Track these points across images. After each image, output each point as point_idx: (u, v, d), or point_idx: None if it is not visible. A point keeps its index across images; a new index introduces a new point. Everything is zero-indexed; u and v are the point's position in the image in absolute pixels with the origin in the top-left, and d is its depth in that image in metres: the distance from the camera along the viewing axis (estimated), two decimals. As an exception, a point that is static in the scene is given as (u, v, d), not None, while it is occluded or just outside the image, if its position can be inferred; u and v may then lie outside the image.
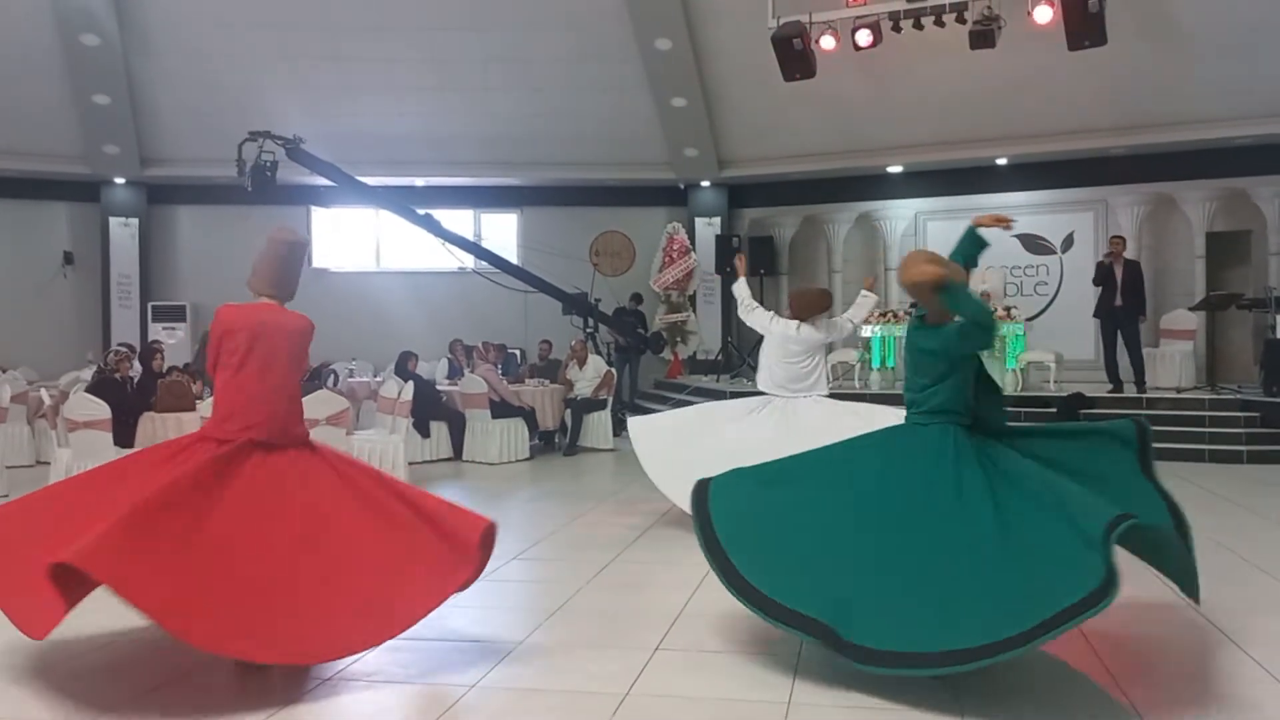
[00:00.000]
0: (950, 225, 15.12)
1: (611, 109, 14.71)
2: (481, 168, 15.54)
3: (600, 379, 12.12)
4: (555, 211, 16.36)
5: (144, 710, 3.77)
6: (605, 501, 8.52)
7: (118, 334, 15.22)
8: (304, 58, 14.08)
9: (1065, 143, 13.60)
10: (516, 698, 3.94)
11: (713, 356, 15.56)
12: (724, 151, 15.37)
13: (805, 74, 12.03)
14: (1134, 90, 12.63)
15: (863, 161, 14.76)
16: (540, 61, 14.16)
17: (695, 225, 16.10)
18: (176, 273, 16.39)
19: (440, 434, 11.00)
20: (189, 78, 14.24)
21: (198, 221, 16.30)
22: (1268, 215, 13.27)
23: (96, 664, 4.24)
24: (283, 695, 3.90)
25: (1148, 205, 13.94)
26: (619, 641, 4.61)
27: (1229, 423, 10.77)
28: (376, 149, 14.67)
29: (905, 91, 13.38)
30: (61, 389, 10.63)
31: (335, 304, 15.31)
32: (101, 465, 4.73)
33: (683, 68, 14.11)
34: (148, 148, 15.22)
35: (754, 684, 4.06)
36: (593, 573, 5.92)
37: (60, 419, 8.34)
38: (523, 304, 15.09)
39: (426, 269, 15.82)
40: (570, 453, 11.62)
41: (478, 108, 14.70)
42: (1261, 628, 4.66)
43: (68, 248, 15.96)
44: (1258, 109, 12.39)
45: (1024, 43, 11.47)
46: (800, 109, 13.81)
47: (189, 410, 8.47)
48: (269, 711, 3.75)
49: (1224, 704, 3.81)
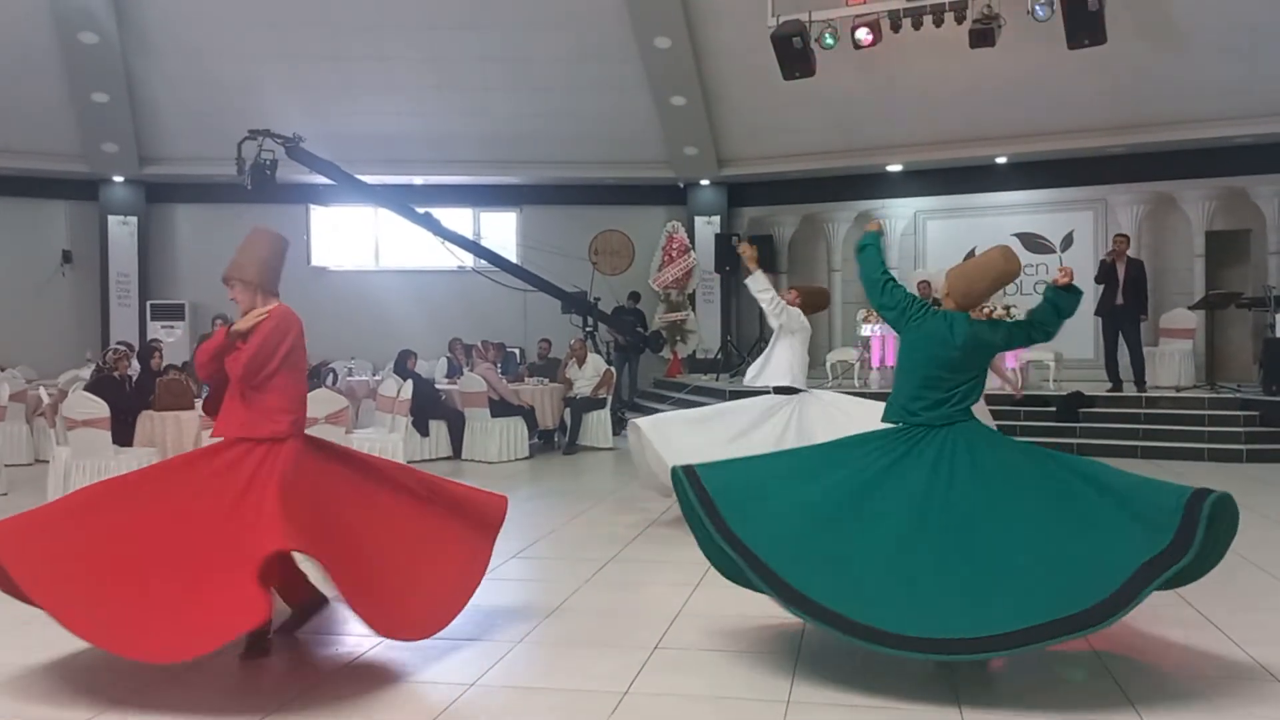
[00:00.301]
0: (950, 224, 15.14)
1: (611, 108, 14.70)
2: (481, 166, 15.54)
3: (599, 378, 12.11)
4: (555, 210, 16.35)
5: (144, 706, 3.76)
6: (604, 500, 8.52)
7: (116, 332, 15.22)
8: (303, 56, 14.08)
9: (1065, 142, 13.61)
10: (515, 696, 3.93)
11: (712, 355, 15.56)
12: (723, 150, 15.37)
13: (805, 73, 12.03)
14: (1133, 89, 12.62)
15: (862, 160, 14.76)
16: (540, 60, 14.16)
17: (695, 224, 16.10)
18: (175, 271, 16.39)
19: (439, 433, 10.99)
20: (188, 76, 14.23)
21: (196, 220, 16.29)
22: (1267, 214, 13.28)
23: (94, 660, 4.22)
24: (280, 693, 3.90)
25: (1147, 204, 13.94)
26: (618, 640, 4.60)
27: (1228, 421, 10.77)
28: (375, 148, 14.66)
29: (905, 90, 13.37)
30: (60, 387, 10.62)
31: (334, 303, 15.34)
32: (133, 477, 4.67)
33: (682, 66, 14.10)
34: (146, 146, 15.21)
35: (753, 683, 4.05)
36: (591, 572, 5.92)
37: (59, 417, 8.33)
38: (522, 303, 15.09)
39: (426, 268, 15.83)
40: (569, 452, 11.61)
41: (477, 106, 14.69)
42: (1259, 625, 4.65)
43: (66, 246, 15.96)
44: (1257, 108, 12.40)
45: (1023, 42, 11.47)
46: (800, 108, 13.80)
47: (188, 409, 8.47)
48: (267, 709, 3.74)
49: (1220, 700, 3.81)
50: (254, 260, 4.46)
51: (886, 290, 4.61)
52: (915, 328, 4.50)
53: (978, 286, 4.50)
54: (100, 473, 7.50)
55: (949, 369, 4.37)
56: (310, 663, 4.29)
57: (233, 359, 4.35)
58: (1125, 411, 11.22)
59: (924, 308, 4.53)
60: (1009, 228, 14.56)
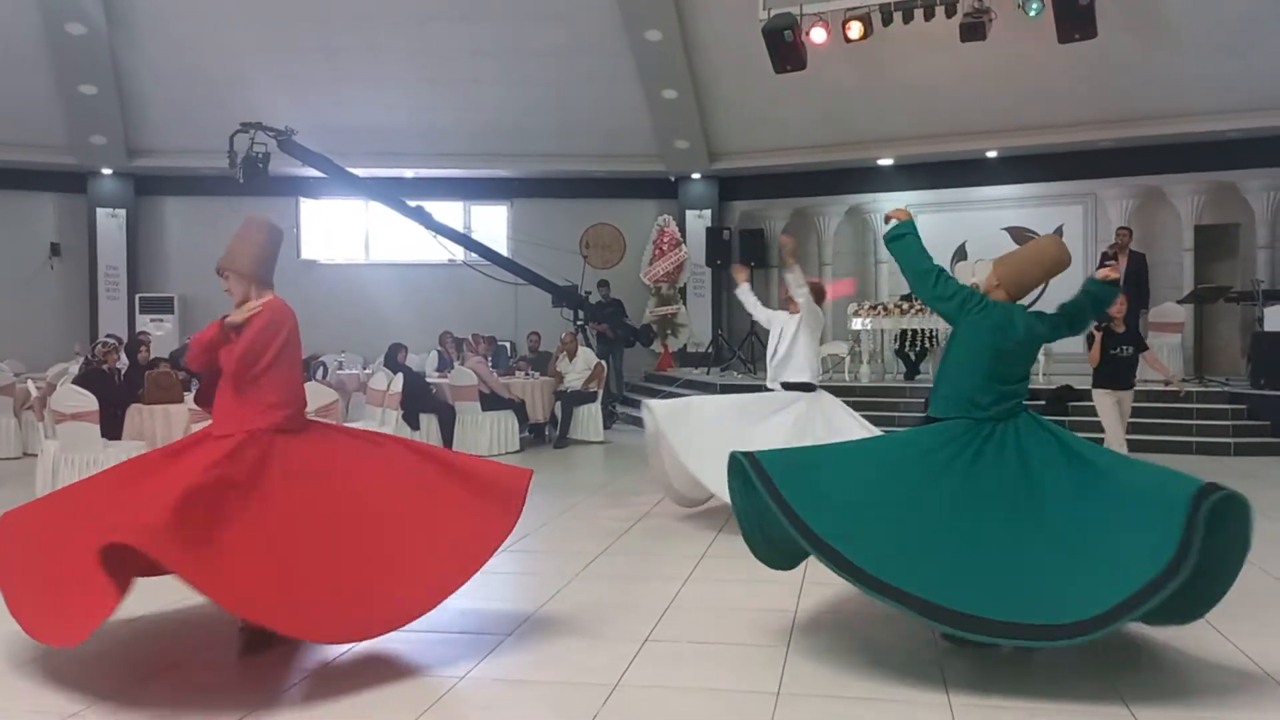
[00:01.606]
0: (940, 218, 15.15)
1: (601, 101, 14.68)
2: (471, 160, 15.50)
3: (590, 371, 12.11)
4: (545, 204, 16.33)
5: (134, 700, 3.75)
6: (595, 494, 8.52)
7: (105, 325, 15.16)
8: (293, 49, 14.02)
9: (1055, 136, 13.64)
10: (506, 689, 3.94)
11: (703, 349, 15.56)
12: (714, 144, 15.36)
13: (796, 66, 12.03)
14: (1123, 83, 12.65)
15: (853, 154, 14.77)
16: (530, 53, 14.12)
17: (686, 218, 16.10)
18: (164, 264, 16.32)
19: (430, 426, 10.97)
20: (176, 68, 14.16)
21: (185, 213, 16.23)
22: (1256, 208, 13.32)
23: (86, 653, 4.20)
24: (272, 686, 3.89)
25: (1136, 198, 13.98)
26: (608, 633, 4.61)
27: (1216, 415, 10.81)
28: (365, 141, 14.62)
29: (895, 84, 13.39)
30: (49, 381, 10.59)
31: (325, 296, 15.30)
32: (122, 463, 4.66)
33: (673, 59, 14.08)
34: (135, 138, 15.14)
35: (743, 675, 4.06)
36: (582, 565, 5.92)
37: (47, 411, 8.30)
38: (513, 296, 15.07)
39: (416, 261, 15.80)
40: (560, 445, 11.61)
41: (467, 99, 14.65)
42: (1249, 618, 4.67)
43: (54, 239, 15.88)
44: (1246, 102, 12.44)
45: (1014, 36, 11.49)
46: (791, 101, 13.80)
47: (177, 402, 8.43)
48: (256, 703, 3.73)
49: (1212, 695, 3.83)
50: (247, 251, 4.43)
51: (940, 281, 4.45)
52: (977, 320, 4.38)
53: (1030, 275, 4.46)
54: (89, 466, 7.49)
55: (1011, 361, 4.35)
56: (301, 656, 4.28)
57: (226, 352, 4.32)
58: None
59: (982, 299, 4.43)
60: (999, 222, 14.60)
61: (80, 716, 3.66)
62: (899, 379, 12.97)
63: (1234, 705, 3.72)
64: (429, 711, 3.70)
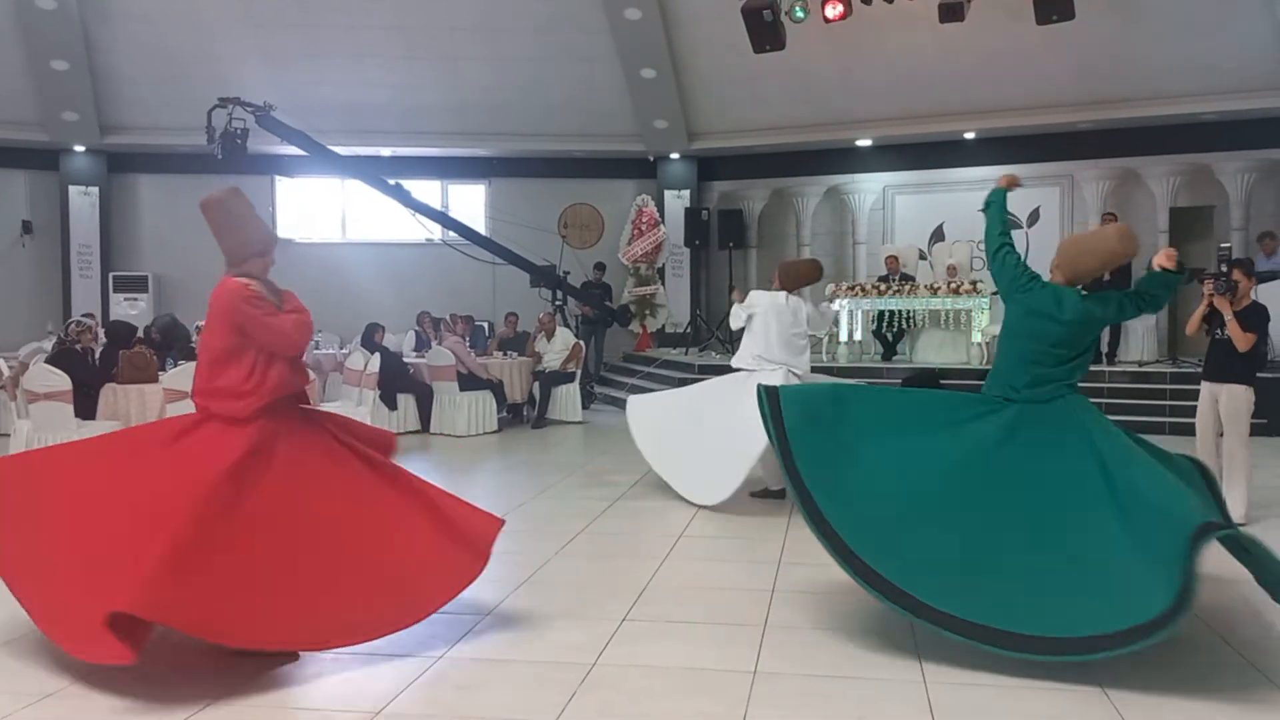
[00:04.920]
0: (918, 199, 15.20)
1: (581, 80, 14.60)
2: (449, 138, 15.39)
3: (568, 351, 12.10)
4: (524, 183, 16.25)
5: (111, 681, 3.73)
6: (573, 474, 8.53)
7: (78, 304, 14.99)
8: (268, 24, 13.84)
9: (1032, 117, 13.67)
10: (484, 668, 3.95)
11: (681, 329, 15.57)
12: (693, 124, 15.32)
13: (775, 46, 12.01)
14: (1101, 65, 12.69)
15: (832, 135, 14.76)
16: (509, 31, 14.01)
17: (664, 198, 16.05)
18: (138, 242, 16.13)
19: (407, 406, 10.95)
20: (150, 44, 13.95)
21: (159, 190, 16.02)
22: (1230, 191, 13.42)
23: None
24: (252, 670, 3.87)
25: (1113, 180, 14.05)
26: (586, 612, 4.63)
27: (1189, 395, 10.83)
28: (342, 118, 14.46)
29: (874, 65, 13.37)
30: (21, 360, 10.47)
31: (301, 275, 14.96)
32: (108, 443, 4.56)
33: (652, 38, 14.01)
34: (107, 115, 14.93)
35: (720, 654, 4.09)
36: (560, 544, 5.93)
37: (20, 390, 8.22)
38: (491, 276, 15.01)
39: (394, 240, 15.69)
40: (539, 425, 11.60)
41: (446, 77, 14.54)
42: (1228, 606, 4.71)
43: (26, 216, 15.66)
44: (1222, 85, 12.50)
45: (992, 17, 11.50)
46: (770, 81, 13.77)
47: (152, 381, 8.36)
48: (234, 683, 3.73)
49: (1191, 678, 3.87)
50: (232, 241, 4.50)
51: (998, 256, 4.57)
52: (1021, 300, 4.40)
53: (1085, 263, 4.43)
54: (63, 447, 7.41)
55: (1053, 344, 4.28)
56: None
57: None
58: (1089, 386, 11.29)
59: (1033, 279, 4.42)
60: (977, 203, 14.40)
61: (58, 696, 3.65)
62: (876, 359, 13.02)
63: (1211, 688, 3.76)
64: (407, 691, 3.71)
